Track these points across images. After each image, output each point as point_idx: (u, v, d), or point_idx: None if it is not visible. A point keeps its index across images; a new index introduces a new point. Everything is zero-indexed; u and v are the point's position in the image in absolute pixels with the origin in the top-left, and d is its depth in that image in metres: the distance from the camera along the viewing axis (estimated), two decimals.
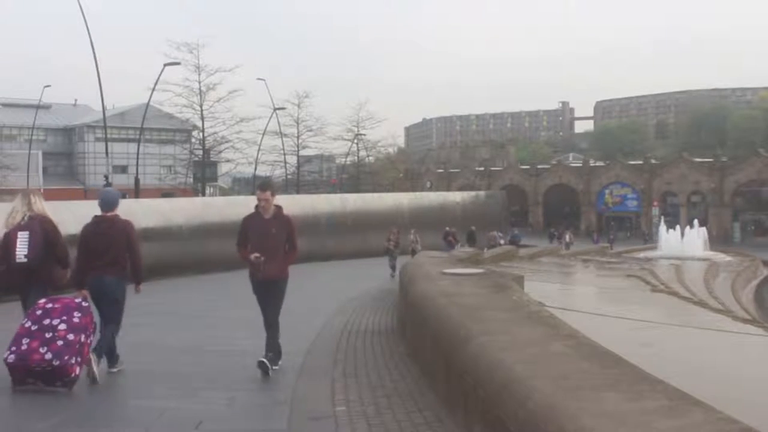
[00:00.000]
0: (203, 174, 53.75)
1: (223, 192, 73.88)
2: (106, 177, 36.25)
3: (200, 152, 52.80)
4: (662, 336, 11.83)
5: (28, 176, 57.38)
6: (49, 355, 6.17)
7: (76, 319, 6.39)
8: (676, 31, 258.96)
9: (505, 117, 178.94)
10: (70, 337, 6.28)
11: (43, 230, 6.93)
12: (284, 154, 57.09)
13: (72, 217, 16.09)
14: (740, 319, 16.44)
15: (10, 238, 6.88)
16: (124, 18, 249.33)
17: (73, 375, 6.27)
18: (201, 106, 48.85)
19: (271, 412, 5.90)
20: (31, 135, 62.97)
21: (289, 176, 60.21)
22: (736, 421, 2.96)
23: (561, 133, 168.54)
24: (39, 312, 6.45)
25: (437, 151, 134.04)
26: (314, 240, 26.53)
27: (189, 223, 21.53)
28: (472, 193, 43.89)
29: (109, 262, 6.94)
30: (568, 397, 3.38)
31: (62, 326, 6.31)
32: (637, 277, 24.83)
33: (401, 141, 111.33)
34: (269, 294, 7.31)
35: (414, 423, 5.41)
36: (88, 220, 7.22)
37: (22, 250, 6.83)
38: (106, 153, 38.14)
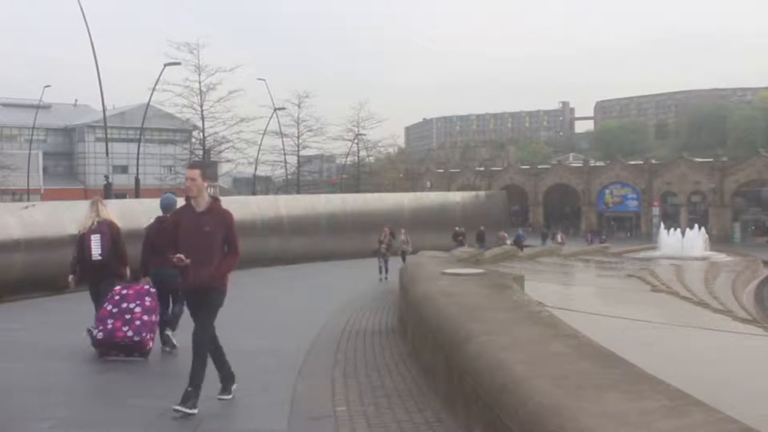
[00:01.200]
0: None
1: (224, 192, 73.84)
2: (107, 177, 36.21)
3: (200, 152, 52.75)
4: (662, 336, 11.83)
5: (28, 176, 57.38)
6: (130, 333, 7.68)
7: (147, 303, 7.92)
8: (676, 31, 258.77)
9: (505, 117, 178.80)
10: (145, 317, 7.80)
11: (110, 232, 8.41)
12: (284, 154, 57.06)
13: (72, 217, 16.15)
14: (740, 319, 16.44)
15: (85, 240, 8.38)
16: (124, 18, 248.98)
17: (148, 347, 7.83)
18: (201, 106, 48.81)
19: (271, 412, 5.90)
20: (32, 135, 62.98)
21: (289, 176, 60.21)
22: (736, 421, 2.96)
23: (561, 133, 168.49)
24: (117, 297, 7.91)
25: (437, 151, 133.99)
26: (314, 240, 26.56)
27: None
28: (472, 193, 43.84)
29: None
30: (569, 397, 3.39)
31: (138, 309, 7.82)
32: (637, 277, 24.82)
33: (401, 141, 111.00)
34: (199, 306, 6.01)
35: (414, 423, 5.41)
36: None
37: (96, 249, 8.30)
38: (107, 153, 38.11)
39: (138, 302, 7.88)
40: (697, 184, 65.88)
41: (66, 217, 15.39)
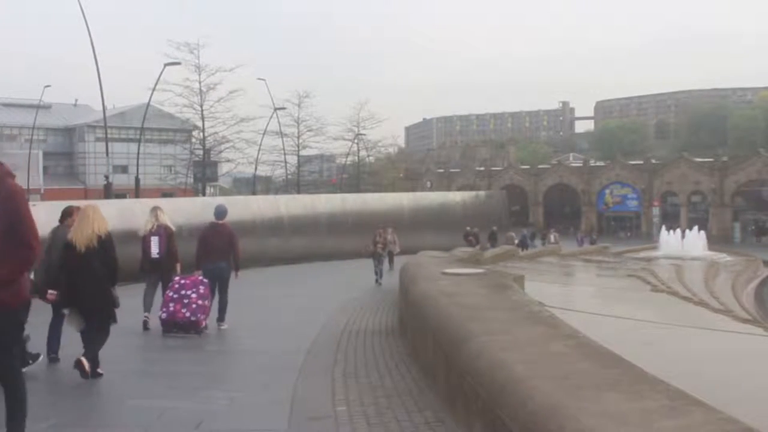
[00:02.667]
0: (203, 174, 53.68)
1: (224, 192, 73.85)
2: (107, 177, 36.21)
3: (200, 152, 52.74)
4: (662, 336, 11.81)
5: (28, 176, 57.28)
6: (188, 314, 9.35)
7: (201, 290, 9.66)
8: (676, 31, 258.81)
9: (505, 117, 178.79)
10: (200, 302, 9.53)
11: (166, 235, 10.17)
12: (284, 154, 57.00)
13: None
14: (740, 319, 16.42)
15: (146, 241, 10.18)
16: (124, 18, 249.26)
17: (202, 326, 9.52)
18: (201, 106, 48.75)
19: (271, 412, 5.90)
20: (32, 135, 62.96)
21: (289, 176, 60.19)
22: (737, 421, 2.96)
23: (561, 133, 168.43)
24: (176, 286, 9.68)
25: (437, 151, 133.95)
26: (314, 240, 26.56)
27: (189, 223, 21.44)
28: (472, 193, 43.89)
29: (221, 254, 10.28)
30: (569, 397, 3.38)
31: (194, 295, 9.55)
32: (637, 277, 24.81)
33: (401, 141, 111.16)
34: None
35: (414, 423, 5.41)
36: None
37: (155, 249, 10.10)
38: (107, 153, 38.10)
39: (194, 290, 9.57)
40: (697, 184, 65.84)
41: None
